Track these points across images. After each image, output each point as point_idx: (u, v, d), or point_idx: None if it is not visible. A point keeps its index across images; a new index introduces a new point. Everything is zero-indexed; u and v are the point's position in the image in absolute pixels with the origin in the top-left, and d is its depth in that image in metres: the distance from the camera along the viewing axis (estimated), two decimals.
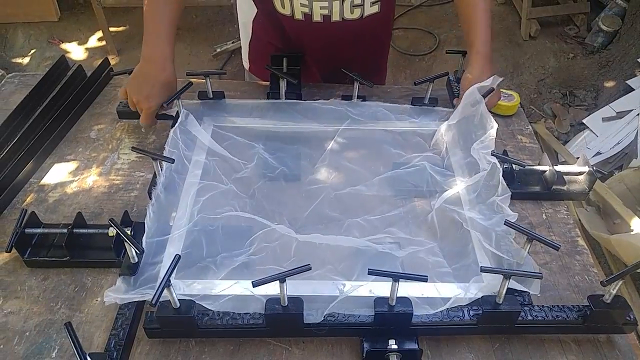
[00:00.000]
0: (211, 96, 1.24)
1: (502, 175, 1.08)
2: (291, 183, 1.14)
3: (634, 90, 2.92)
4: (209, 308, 0.85)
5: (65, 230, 0.95)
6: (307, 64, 1.37)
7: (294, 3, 1.20)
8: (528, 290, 0.89)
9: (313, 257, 0.94)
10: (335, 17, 1.22)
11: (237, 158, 1.16)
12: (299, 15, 1.23)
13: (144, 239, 0.92)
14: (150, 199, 0.99)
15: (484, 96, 1.17)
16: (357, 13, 1.23)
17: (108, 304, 0.85)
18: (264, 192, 1.11)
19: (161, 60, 1.14)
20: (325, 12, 1.21)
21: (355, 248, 0.96)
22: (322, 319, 0.84)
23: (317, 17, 1.22)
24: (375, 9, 1.25)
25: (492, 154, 1.06)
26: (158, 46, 1.15)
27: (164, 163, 1.04)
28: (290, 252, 0.96)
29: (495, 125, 1.10)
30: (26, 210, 0.98)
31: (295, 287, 0.84)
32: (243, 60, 1.54)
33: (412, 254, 0.97)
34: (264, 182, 1.13)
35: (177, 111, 1.18)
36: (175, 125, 1.13)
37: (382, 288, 0.88)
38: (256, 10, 1.32)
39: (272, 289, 0.81)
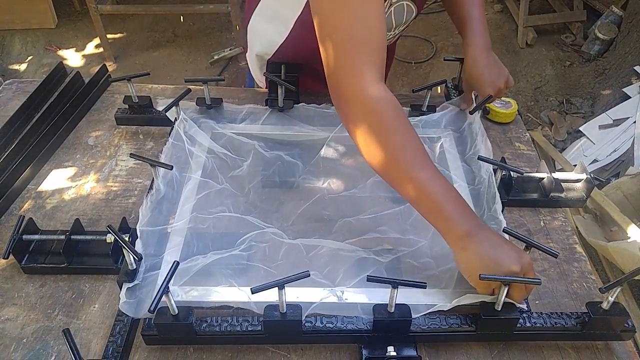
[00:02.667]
0: (209, 103, 1.24)
1: (500, 182, 1.08)
2: (286, 182, 1.15)
3: (631, 98, 2.94)
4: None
5: (62, 237, 0.95)
6: (306, 72, 1.37)
7: None
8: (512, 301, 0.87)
9: (300, 261, 0.96)
10: None
11: (234, 154, 1.16)
12: None
13: (138, 227, 0.93)
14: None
15: (483, 103, 1.18)
16: None
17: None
18: (259, 191, 1.11)
19: (480, 223, 0.86)
20: None
21: (340, 252, 0.97)
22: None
23: None
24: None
25: (488, 162, 1.06)
26: (468, 212, 0.85)
27: (161, 169, 1.04)
28: (279, 254, 0.97)
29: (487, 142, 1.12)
30: (24, 216, 0.97)
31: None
32: (257, 82, 1.48)
33: (398, 259, 0.97)
34: (259, 180, 1.13)
35: (176, 117, 1.18)
36: (174, 130, 1.14)
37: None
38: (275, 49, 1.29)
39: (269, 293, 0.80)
